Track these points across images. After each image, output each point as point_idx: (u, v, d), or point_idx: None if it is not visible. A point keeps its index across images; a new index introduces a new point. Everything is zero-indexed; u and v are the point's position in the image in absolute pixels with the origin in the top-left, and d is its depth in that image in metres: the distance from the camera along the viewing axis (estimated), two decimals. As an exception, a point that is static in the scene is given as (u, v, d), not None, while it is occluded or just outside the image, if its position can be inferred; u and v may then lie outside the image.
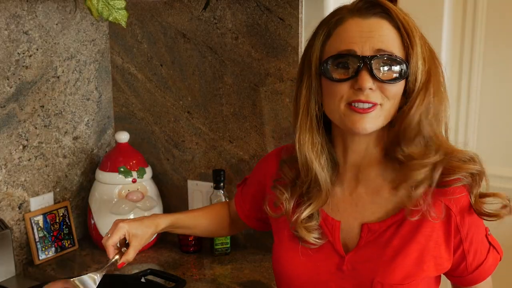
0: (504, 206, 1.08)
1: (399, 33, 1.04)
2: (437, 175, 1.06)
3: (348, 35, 1.04)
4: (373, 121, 1.04)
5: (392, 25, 1.04)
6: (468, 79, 2.33)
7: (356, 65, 1.02)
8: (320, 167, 1.11)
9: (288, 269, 1.17)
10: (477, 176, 1.07)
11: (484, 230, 1.14)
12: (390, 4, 1.06)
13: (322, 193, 1.12)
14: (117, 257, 1.25)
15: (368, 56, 1.02)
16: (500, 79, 2.30)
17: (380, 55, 1.02)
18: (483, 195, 1.09)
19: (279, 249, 1.20)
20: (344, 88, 1.04)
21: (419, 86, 1.05)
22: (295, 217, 1.14)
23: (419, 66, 1.05)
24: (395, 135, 1.07)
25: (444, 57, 2.30)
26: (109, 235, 1.25)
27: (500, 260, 1.16)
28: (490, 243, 1.14)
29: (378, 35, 1.03)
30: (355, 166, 1.14)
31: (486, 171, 1.09)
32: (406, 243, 1.08)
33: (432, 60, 1.08)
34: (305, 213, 1.12)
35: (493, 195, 1.09)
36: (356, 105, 1.03)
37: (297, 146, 1.12)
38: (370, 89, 1.02)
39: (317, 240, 1.13)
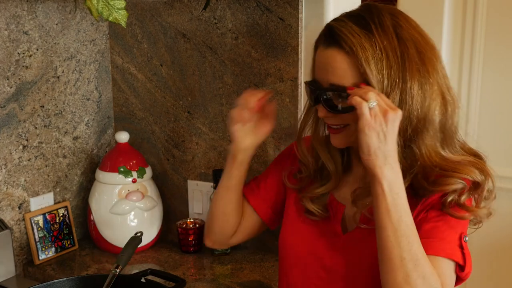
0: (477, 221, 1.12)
1: (353, 59, 1.05)
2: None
3: (315, 65, 1.13)
4: (345, 138, 1.13)
5: (345, 54, 1.05)
6: (468, 79, 2.33)
7: (314, 97, 1.12)
8: (328, 159, 1.20)
9: (290, 240, 1.25)
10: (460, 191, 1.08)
11: (458, 227, 1.10)
12: (342, 30, 1.06)
13: (332, 179, 1.21)
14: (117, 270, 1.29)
15: (321, 90, 1.09)
16: (500, 79, 2.30)
17: (330, 89, 1.08)
18: (461, 205, 1.09)
19: (286, 222, 1.28)
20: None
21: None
22: (308, 190, 1.23)
23: (376, 88, 1.04)
24: None
25: (445, 57, 2.29)
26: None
27: (465, 275, 1.09)
28: (461, 246, 1.09)
29: (331, 68, 1.08)
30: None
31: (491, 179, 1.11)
32: None
33: (398, 76, 1.06)
34: (319, 190, 1.21)
35: (471, 211, 1.09)
36: (330, 125, 1.13)
37: (313, 144, 1.22)
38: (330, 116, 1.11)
39: (319, 211, 1.21)
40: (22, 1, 1.60)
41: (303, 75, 1.59)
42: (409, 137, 1.07)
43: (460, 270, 1.08)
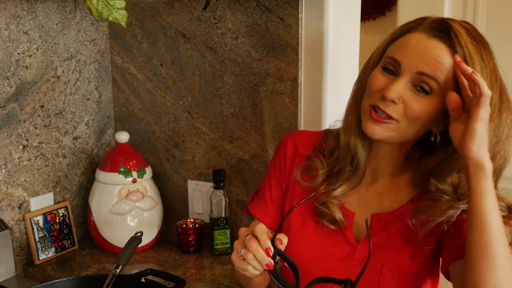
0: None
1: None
2: (455, 214, 1.07)
3: (404, 45, 1.07)
4: (384, 131, 1.07)
5: (451, 54, 1.03)
6: (468, 79, 2.33)
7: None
8: (361, 149, 1.14)
9: (297, 251, 1.19)
10: None
11: None
12: (460, 32, 1.04)
13: (358, 173, 1.15)
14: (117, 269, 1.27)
15: (408, 72, 1.04)
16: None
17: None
18: None
19: (290, 231, 1.21)
20: (379, 84, 1.07)
21: None
22: (325, 190, 1.16)
23: None
24: (432, 167, 1.09)
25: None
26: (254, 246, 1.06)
27: None
28: None
29: (429, 58, 1.03)
30: (374, 166, 1.18)
31: None
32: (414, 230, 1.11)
33: (497, 102, 1.06)
34: (339, 191, 1.16)
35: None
36: (376, 110, 1.06)
37: (343, 126, 1.17)
38: (393, 101, 1.04)
39: (342, 219, 1.15)
40: (22, 1, 1.60)
41: (303, 75, 1.59)
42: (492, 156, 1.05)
43: None
